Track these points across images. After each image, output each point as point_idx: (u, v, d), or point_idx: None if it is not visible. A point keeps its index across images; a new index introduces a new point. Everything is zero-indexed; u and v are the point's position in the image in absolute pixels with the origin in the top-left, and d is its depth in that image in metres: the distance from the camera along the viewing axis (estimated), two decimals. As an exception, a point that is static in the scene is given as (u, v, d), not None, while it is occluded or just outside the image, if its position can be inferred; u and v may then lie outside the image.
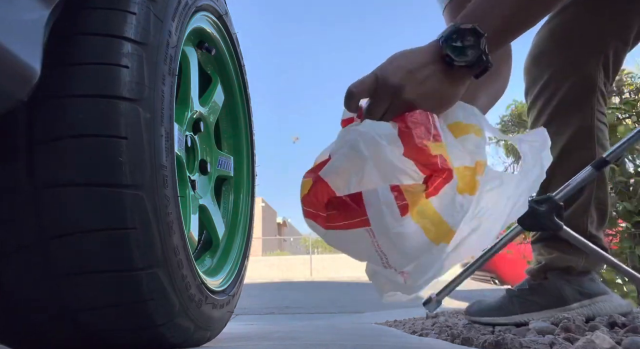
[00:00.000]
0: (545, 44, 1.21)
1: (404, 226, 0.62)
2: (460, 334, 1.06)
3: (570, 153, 1.17)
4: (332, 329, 1.45)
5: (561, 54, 1.18)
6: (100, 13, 0.57)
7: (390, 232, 0.62)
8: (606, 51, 1.15)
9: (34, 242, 0.53)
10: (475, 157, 0.67)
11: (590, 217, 1.16)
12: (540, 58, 1.22)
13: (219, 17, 0.95)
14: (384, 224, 0.62)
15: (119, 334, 0.60)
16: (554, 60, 1.19)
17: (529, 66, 1.26)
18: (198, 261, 0.88)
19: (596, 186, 1.16)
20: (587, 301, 1.12)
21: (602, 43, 1.15)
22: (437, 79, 0.69)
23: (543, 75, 1.20)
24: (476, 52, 0.67)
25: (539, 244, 1.22)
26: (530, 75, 1.25)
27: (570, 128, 1.16)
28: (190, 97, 0.84)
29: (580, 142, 1.16)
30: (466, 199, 0.64)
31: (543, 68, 1.21)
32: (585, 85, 1.15)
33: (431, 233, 0.63)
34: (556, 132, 1.17)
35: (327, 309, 4.34)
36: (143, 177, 0.56)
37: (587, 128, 1.16)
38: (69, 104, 0.53)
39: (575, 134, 1.16)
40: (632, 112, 2.24)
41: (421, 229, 0.63)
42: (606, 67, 1.17)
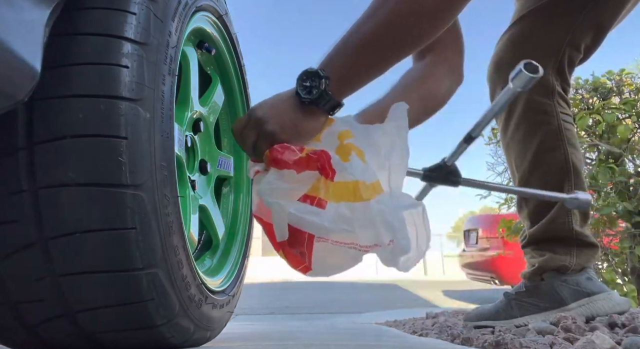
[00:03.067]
0: (505, 52, 1.27)
1: (334, 212, 0.70)
2: (460, 334, 1.06)
3: (543, 156, 1.21)
4: (332, 329, 1.45)
5: (519, 62, 1.23)
6: (100, 13, 0.57)
7: (331, 226, 0.69)
8: (561, 58, 1.22)
9: (34, 242, 0.53)
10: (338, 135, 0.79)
11: (574, 216, 1.19)
12: (500, 65, 1.27)
13: (219, 17, 0.95)
14: (321, 226, 0.70)
15: (119, 334, 0.60)
16: (513, 67, 1.24)
17: (491, 73, 1.31)
18: (198, 261, 0.88)
19: (574, 185, 1.19)
20: (586, 300, 1.12)
21: (556, 51, 1.22)
22: (293, 113, 0.80)
23: (505, 82, 1.25)
24: (318, 91, 0.77)
25: (529, 248, 1.24)
26: (492, 82, 1.31)
27: (539, 131, 1.21)
28: (190, 97, 0.84)
29: (551, 144, 1.21)
30: (354, 159, 0.74)
31: (503, 75, 1.26)
32: (544, 91, 1.21)
33: (358, 196, 0.71)
34: (526, 136, 1.23)
35: (327, 309, 4.34)
36: (143, 177, 0.56)
37: (554, 130, 1.21)
38: (69, 103, 0.53)
39: (545, 137, 1.21)
40: (632, 112, 2.24)
41: (348, 202, 0.70)
42: (562, 72, 1.23)
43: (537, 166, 1.22)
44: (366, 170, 0.74)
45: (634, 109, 2.25)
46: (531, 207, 1.24)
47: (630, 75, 2.44)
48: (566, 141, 1.20)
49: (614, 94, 2.42)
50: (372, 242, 0.71)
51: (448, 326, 1.37)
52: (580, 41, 1.21)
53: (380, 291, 7.49)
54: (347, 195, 0.71)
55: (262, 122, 0.78)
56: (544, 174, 1.21)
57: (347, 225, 0.70)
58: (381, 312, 3.35)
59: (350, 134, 0.80)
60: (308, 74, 0.79)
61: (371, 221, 0.70)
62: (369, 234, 0.70)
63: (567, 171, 1.20)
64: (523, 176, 1.25)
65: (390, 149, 0.78)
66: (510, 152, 1.30)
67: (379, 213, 0.70)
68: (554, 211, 1.19)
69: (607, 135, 2.31)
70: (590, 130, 2.36)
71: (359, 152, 0.76)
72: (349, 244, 0.71)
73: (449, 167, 1.05)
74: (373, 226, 0.70)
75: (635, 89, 2.38)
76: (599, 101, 2.40)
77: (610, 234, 2.30)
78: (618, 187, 2.20)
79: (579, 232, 1.18)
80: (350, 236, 0.70)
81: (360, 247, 0.72)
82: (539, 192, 1.16)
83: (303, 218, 0.70)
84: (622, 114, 2.28)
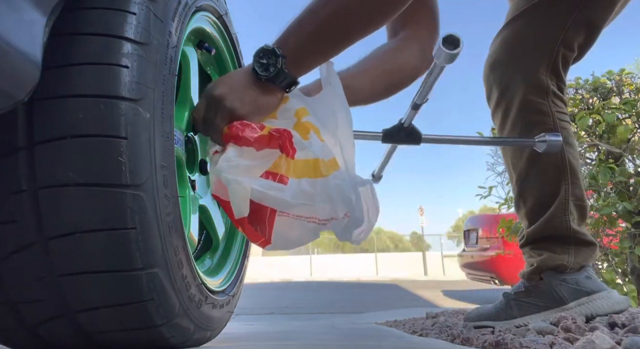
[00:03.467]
0: (499, 53, 1.28)
1: (296, 187, 0.73)
2: (460, 334, 1.06)
3: (539, 155, 1.21)
4: (332, 329, 1.45)
5: (513, 62, 1.26)
6: (100, 13, 0.57)
7: (293, 200, 0.73)
8: (555, 58, 1.23)
9: (34, 242, 0.53)
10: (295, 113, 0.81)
11: (572, 215, 1.19)
12: (495, 66, 1.29)
13: (219, 17, 0.95)
14: (284, 201, 0.73)
15: (119, 334, 0.60)
16: (508, 68, 1.27)
17: (486, 74, 1.32)
18: (198, 261, 0.88)
19: (571, 184, 1.20)
20: (585, 299, 1.12)
21: (549, 51, 1.23)
22: (250, 89, 0.81)
23: (500, 83, 1.29)
24: (275, 69, 0.79)
25: (527, 247, 1.24)
26: (488, 82, 1.32)
27: (534, 131, 1.21)
28: (190, 97, 0.84)
29: None
30: (313, 138, 0.77)
31: (498, 76, 1.29)
32: (539, 91, 1.22)
33: (318, 172, 0.74)
34: (522, 135, 1.24)
35: (327, 309, 4.34)
36: (143, 177, 0.56)
37: (550, 129, 1.21)
38: (69, 104, 0.53)
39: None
40: (632, 112, 2.24)
41: (308, 178, 0.74)
42: (556, 71, 1.24)
43: (534, 165, 1.22)
44: (324, 148, 0.77)
45: (634, 109, 2.25)
46: (529, 206, 1.24)
47: (630, 75, 2.44)
48: (563, 140, 1.21)
49: (614, 94, 2.42)
50: (330, 216, 0.75)
51: (448, 326, 1.37)
52: (573, 40, 1.22)
53: (380, 291, 7.49)
54: (308, 172, 0.74)
55: (221, 99, 0.78)
56: (540, 173, 1.22)
57: (308, 200, 0.74)
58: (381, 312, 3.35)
59: (306, 111, 0.82)
60: (265, 51, 0.80)
61: (329, 195, 0.74)
62: (327, 208, 0.75)
63: (564, 169, 1.20)
64: (520, 175, 1.26)
65: (335, 122, 0.81)
66: (506, 151, 1.31)
67: (337, 188, 0.74)
68: (551, 210, 1.19)
69: (607, 135, 2.31)
70: (590, 130, 2.36)
71: (316, 131, 0.79)
72: (309, 218, 0.75)
73: (407, 128, 1.08)
74: (331, 200, 0.74)
75: (635, 89, 2.38)
76: (599, 101, 2.40)
77: (610, 234, 2.29)
78: (618, 187, 2.20)
79: (577, 231, 1.18)
80: (310, 209, 0.74)
81: (319, 221, 0.76)
82: (508, 140, 1.18)
83: (266, 193, 0.72)
84: (622, 114, 2.28)
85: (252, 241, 0.81)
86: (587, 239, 1.19)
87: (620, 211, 2.13)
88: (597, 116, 2.27)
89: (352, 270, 17.13)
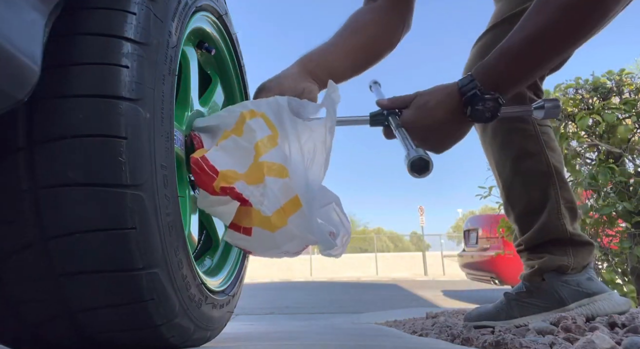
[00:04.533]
0: (477, 59, 1.26)
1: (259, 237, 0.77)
2: (460, 334, 1.06)
3: (523, 162, 1.22)
4: (332, 329, 1.45)
5: None
6: (100, 13, 0.57)
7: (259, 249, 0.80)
8: None
9: (34, 242, 0.53)
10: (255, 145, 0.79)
11: (565, 218, 1.19)
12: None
13: (218, 17, 0.95)
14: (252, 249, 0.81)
15: (119, 334, 0.60)
16: None
17: None
18: (198, 262, 0.88)
19: (560, 188, 1.20)
20: (586, 300, 1.13)
21: None
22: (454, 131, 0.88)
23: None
24: (492, 114, 0.84)
25: (525, 253, 1.25)
26: None
27: (516, 138, 1.22)
28: (190, 97, 0.84)
29: (530, 149, 1.22)
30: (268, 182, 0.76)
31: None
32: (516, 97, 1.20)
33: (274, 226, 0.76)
34: (504, 143, 1.25)
35: (327, 309, 4.34)
36: (143, 177, 0.56)
37: (532, 135, 1.22)
38: (69, 103, 0.53)
39: (523, 143, 1.22)
40: (632, 112, 2.24)
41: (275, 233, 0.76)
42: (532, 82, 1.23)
43: (519, 172, 1.23)
44: (283, 189, 0.76)
45: (634, 109, 2.24)
46: (518, 212, 1.25)
47: (630, 75, 2.44)
48: (544, 145, 1.22)
49: (614, 94, 2.42)
50: (301, 247, 0.80)
51: (448, 326, 1.37)
52: None
53: (380, 291, 7.49)
54: (267, 225, 0.76)
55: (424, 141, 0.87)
56: (527, 179, 1.22)
57: (273, 247, 0.78)
58: (381, 312, 3.36)
59: (271, 141, 0.79)
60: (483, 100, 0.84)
61: (293, 235, 0.77)
62: (295, 244, 0.78)
63: (551, 174, 1.20)
64: (506, 182, 1.26)
65: (312, 158, 0.81)
66: (490, 158, 1.31)
67: (298, 227, 0.76)
68: (545, 216, 1.19)
69: (607, 135, 2.31)
70: (590, 130, 2.36)
71: (276, 171, 0.77)
72: (280, 254, 0.81)
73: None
74: (298, 238, 0.77)
75: (635, 89, 2.38)
76: (599, 101, 2.40)
77: (610, 234, 2.29)
78: (618, 187, 2.20)
79: (573, 233, 1.19)
80: (279, 252, 0.80)
81: (292, 254, 0.81)
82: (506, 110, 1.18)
83: (236, 243, 0.81)
84: (622, 114, 2.28)
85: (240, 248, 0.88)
86: (584, 239, 1.20)
87: (620, 211, 2.13)
88: (597, 116, 2.27)
89: (352, 270, 17.12)
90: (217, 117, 0.84)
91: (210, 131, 0.82)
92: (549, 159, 1.20)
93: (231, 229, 0.79)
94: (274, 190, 0.76)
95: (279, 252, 0.80)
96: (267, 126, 0.80)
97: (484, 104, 0.83)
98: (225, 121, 0.82)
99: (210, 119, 0.84)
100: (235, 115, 0.81)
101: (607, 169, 2.16)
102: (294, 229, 0.76)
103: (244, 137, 0.79)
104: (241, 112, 0.82)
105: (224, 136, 0.79)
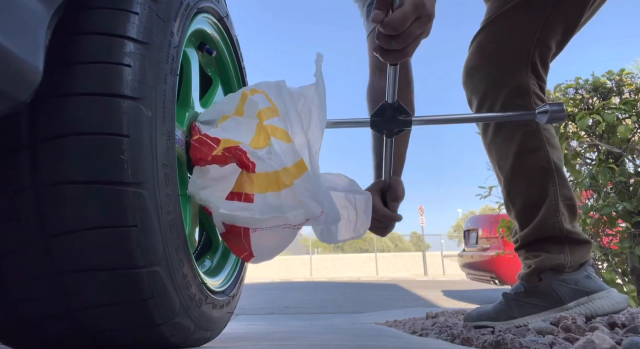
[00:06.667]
0: (476, 59, 1.28)
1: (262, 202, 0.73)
2: (460, 334, 1.06)
3: (524, 157, 1.22)
4: (332, 329, 1.45)
5: (491, 67, 1.26)
6: (103, 13, 0.57)
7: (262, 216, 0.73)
8: (532, 59, 1.22)
9: (36, 239, 0.54)
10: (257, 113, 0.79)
11: (563, 215, 1.20)
12: (473, 72, 1.29)
13: (219, 19, 0.95)
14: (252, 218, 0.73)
15: (119, 332, 0.60)
16: (486, 73, 1.27)
17: (465, 80, 1.33)
18: (198, 262, 0.89)
19: (559, 185, 1.20)
20: (584, 298, 1.13)
21: (526, 52, 1.22)
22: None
23: (480, 88, 1.29)
24: None
25: (522, 250, 1.25)
26: (467, 88, 1.32)
27: (518, 133, 1.22)
28: (191, 98, 0.84)
29: (531, 145, 1.22)
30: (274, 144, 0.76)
31: (477, 82, 1.29)
32: (519, 92, 1.22)
33: (281, 184, 0.74)
34: (506, 139, 1.24)
35: (327, 309, 4.34)
36: (144, 175, 0.56)
37: (533, 131, 1.22)
38: (72, 102, 0.53)
39: (525, 139, 1.22)
40: (632, 112, 2.24)
41: (273, 191, 0.73)
42: (535, 71, 1.24)
43: (520, 167, 1.23)
44: (288, 152, 0.75)
45: (634, 109, 2.25)
46: (518, 208, 1.25)
47: (630, 75, 2.44)
48: (545, 141, 1.22)
49: (614, 94, 2.42)
50: (305, 218, 0.76)
51: (448, 326, 1.37)
52: (549, 38, 1.22)
53: (380, 291, 7.49)
54: (272, 185, 0.74)
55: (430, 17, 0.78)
56: (527, 175, 1.22)
57: (276, 212, 0.74)
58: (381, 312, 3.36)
59: (273, 111, 0.80)
60: None
61: (299, 201, 0.74)
62: (300, 213, 0.75)
63: (550, 170, 1.21)
64: (507, 177, 1.26)
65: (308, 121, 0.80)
66: (492, 154, 1.31)
67: (305, 192, 0.73)
68: (542, 213, 1.19)
69: (607, 135, 2.31)
70: (590, 130, 2.36)
71: (281, 135, 0.77)
72: (282, 225, 0.76)
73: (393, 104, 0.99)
74: (302, 205, 0.74)
75: (635, 89, 2.38)
76: (599, 101, 2.40)
77: (610, 234, 2.30)
78: (618, 187, 2.20)
79: (570, 231, 1.19)
80: (281, 219, 0.75)
81: (294, 226, 0.76)
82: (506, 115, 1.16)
83: (235, 215, 0.73)
84: (622, 114, 2.28)
85: (236, 254, 0.82)
86: (581, 237, 1.20)
87: (620, 211, 2.13)
88: (597, 116, 2.27)
89: (352, 270, 17.12)
90: (217, 105, 0.85)
91: (211, 123, 0.83)
92: (549, 155, 1.21)
93: (229, 199, 0.75)
94: (280, 151, 0.75)
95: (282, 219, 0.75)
96: (268, 101, 0.82)
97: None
98: (225, 107, 0.82)
99: (210, 110, 0.85)
100: (236, 98, 0.82)
101: (607, 169, 2.16)
102: (300, 193, 0.73)
103: (245, 115, 0.80)
104: (242, 91, 0.83)
105: (224, 118, 0.80)
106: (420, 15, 0.77)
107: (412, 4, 0.77)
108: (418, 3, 0.78)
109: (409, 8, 0.77)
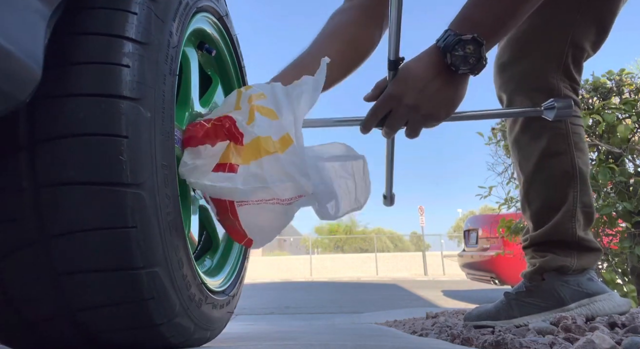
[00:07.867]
0: (506, 55, 1.25)
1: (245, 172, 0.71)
2: (460, 334, 1.06)
3: (549, 159, 1.19)
4: (332, 329, 1.45)
5: (521, 65, 1.22)
6: (101, 13, 0.57)
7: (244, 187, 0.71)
8: (565, 60, 1.19)
9: (35, 240, 0.53)
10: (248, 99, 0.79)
11: (578, 222, 1.18)
12: (503, 69, 1.26)
13: (219, 18, 0.95)
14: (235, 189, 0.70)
15: (119, 333, 0.60)
16: (516, 71, 1.24)
17: (495, 76, 1.30)
18: (198, 262, 0.88)
19: (580, 192, 1.18)
20: (586, 300, 1.12)
21: (558, 52, 1.19)
22: (445, 89, 0.77)
23: (509, 85, 1.25)
24: (477, 59, 0.74)
25: (530, 249, 1.24)
26: (497, 84, 1.30)
27: (546, 134, 1.19)
28: (191, 97, 0.84)
29: (558, 147, 1.19)
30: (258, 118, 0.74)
31: (507, 79, 1.26)
32: (549, 93, 1.17)
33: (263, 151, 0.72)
34: (533, 138, 1.21)
35: (327, 309, 4.34)
36: (144, 176, 0.56)
37: (562, 134, 1.19)
38: (71, 103, 0.53)
39: (552, 140, 1.19)
40: (632, 112, 2.24)
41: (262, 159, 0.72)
42: (567, 72, 1.20)
43: (543, 169, 1.20)
44: (272, 126, 0.74)
45: (634, 109, 2.25)
46: (534, 209, 1.23)
47: (630, 75, 2.44)
48: (573, 146, 1.18)
49: (614, 94, 2.42)
50: (295, 194, 0.73)
51: (448, 326, 1.37)
52: (583, 39, 1.18)
53: (380, 291, 7.49)
54: (255, 154, 0.72)
55: (417, 109, 0.77)
56: (549, 178, 1.19)
57: (259, 182, 0.71)
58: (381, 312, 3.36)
59: (261, 96, 0.80)
60: (461, 42, 0.74)
61: (285, 173, 0.71)
62: (288, 187, 0.72)
63: (573, 176, 1.18)
64: (527, 178, 1.24)
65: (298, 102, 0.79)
66: (515, 152, 1.28)
67: (292, 164, 0.71)
68: (558, 217, 1.17)
69: (607, 135, 2.31)
70: (590, 130, 2.36)
71: (267, 112, 0.76)
72: (269, 200, 0.73)
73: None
74: (290, 177, 0.72)
75: (635, 89, 2.38)
76: (599, 101, 2.40)
77: (610, 234, 2.30)
78: (618, 187, 2.20)
79: (582, 238, 1.17)
80: (267, 191, 0.72)
81: (284, 201, 0.73)
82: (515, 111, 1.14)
83: (218, 186, 0.70)
84: (622, 114, 2.28)
85: (237, 241, 0.80)
86: (592, 245, 1.18)
87: (620, 211, 2.13)
88: (597, 116, 2.27)
89: (352, 270, 17.13)
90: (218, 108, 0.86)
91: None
92: (575, 160, 1.17)
93: (215, 171, 0.72)
94: (265, 125, 0.74)
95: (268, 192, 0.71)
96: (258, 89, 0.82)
97: (464, 49, 0.75)
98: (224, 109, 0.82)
99: (212, 114, 0.85)
100: (232, 98, 0.82)
101: (607, 169, 2.16)
102: (285, 163, 0.71)
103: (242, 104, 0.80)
104: (237, 90, 0.83)
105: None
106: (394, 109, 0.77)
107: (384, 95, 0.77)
108: (392, 95, 0.78)
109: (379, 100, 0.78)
